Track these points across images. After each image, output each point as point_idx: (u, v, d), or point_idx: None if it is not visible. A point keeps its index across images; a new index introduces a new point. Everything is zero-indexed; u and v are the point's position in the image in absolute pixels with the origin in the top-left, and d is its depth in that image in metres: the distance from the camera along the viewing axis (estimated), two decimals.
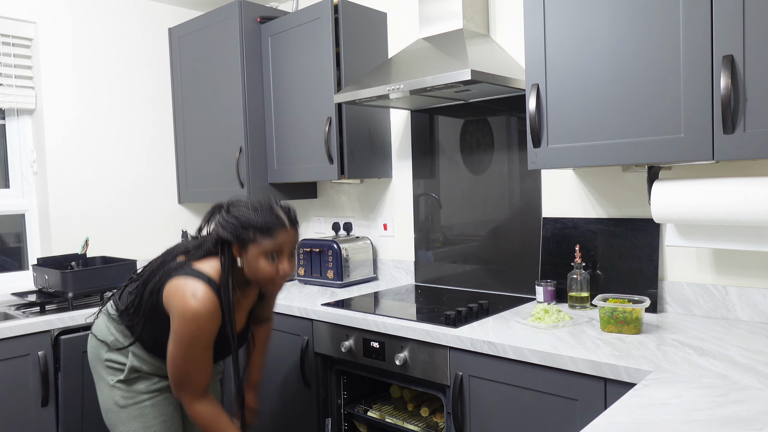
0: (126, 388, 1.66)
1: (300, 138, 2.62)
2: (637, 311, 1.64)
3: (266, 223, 1.52)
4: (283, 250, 1.55)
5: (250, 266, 1.55)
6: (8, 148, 2.73)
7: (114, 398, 1.66)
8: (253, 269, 1.55)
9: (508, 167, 2.31)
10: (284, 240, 1.54)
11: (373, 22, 2.59)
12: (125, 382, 1.66)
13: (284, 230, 1.54)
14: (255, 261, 1.54)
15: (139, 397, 1.66)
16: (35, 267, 2.48)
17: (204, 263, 1.57)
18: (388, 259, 2.74)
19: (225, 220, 1.56)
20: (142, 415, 1.65)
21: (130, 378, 1.66)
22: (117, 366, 1.67)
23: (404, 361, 1.89)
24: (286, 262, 1.56)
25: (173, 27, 3.06)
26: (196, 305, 1.49)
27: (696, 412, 1.11)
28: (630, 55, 1.60)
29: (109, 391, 1.67)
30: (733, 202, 1.54)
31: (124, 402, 1.65)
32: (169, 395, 1.71)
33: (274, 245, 1.53)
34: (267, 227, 1.52)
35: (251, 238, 1.52)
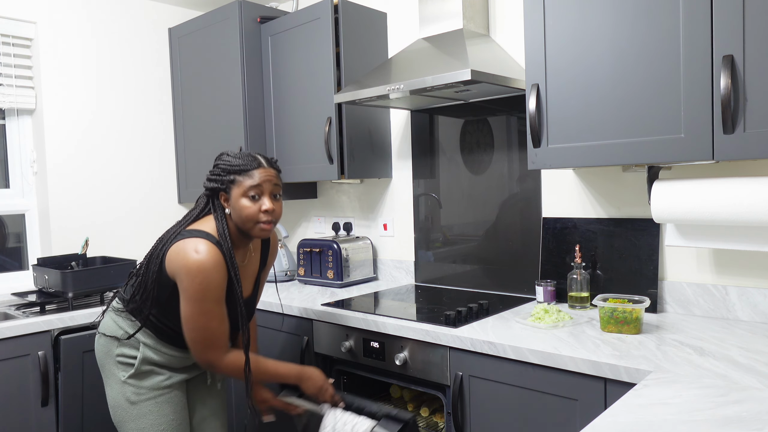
0: (137, 383, 1.66)
1: (300, 138, 2.62)
2: (637, 311, 1.64)
3: (244, 164, 1.61)
4: (263, 188, 1.61)
5: (235, 209, 1.61)
6: (8, 148, 2.73)
7: (125, 394, 1.66)
8: (238, 211, 1.61)
9: (508, 167, 2.31)
10: (262, 177, 1.61)
11: (373, 22, 2.60)
12: (137, 377, 1.66)
13: (261, 168, 1.62)
14: (238, 202, 1.60)
15: (150, 394, 1.67)
16: (35, 267, 2.48)
17: (199, 224, 1.64)
18: (388, 259, 2.74)
19: (211, 172, 1.65)
20: (152, 412, 1.66)
21: (141, 371, 1.66)
22: (128, 360, 1.67)
23: (404, 361, 1.89)
24: (267, 200, 1.61)
25: (173, 27, 3.06)
26: (199, 258, 1.53)
27: (696, 412, 1.11)
28: (630, 55, 1.60)
29: (120, 387, 1.67)
30: (733, 202, 1.54)
31: (136, 398, 1.66)
32: (179, 393, 1.72)
33: (252, 182, 1.59)
34: (245, 167, 1.61)
35: (232, 180, 1.61)
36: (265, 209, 1.60)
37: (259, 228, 1.62)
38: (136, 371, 1.66)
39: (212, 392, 1.87)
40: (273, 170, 1.65)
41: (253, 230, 1.62)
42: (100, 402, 2.25)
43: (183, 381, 1.75)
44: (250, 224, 1.61)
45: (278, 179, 1.66)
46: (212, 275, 1.54)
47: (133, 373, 1.66)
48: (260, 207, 1.60)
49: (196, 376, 1.83)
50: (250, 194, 1.59)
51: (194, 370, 1.79)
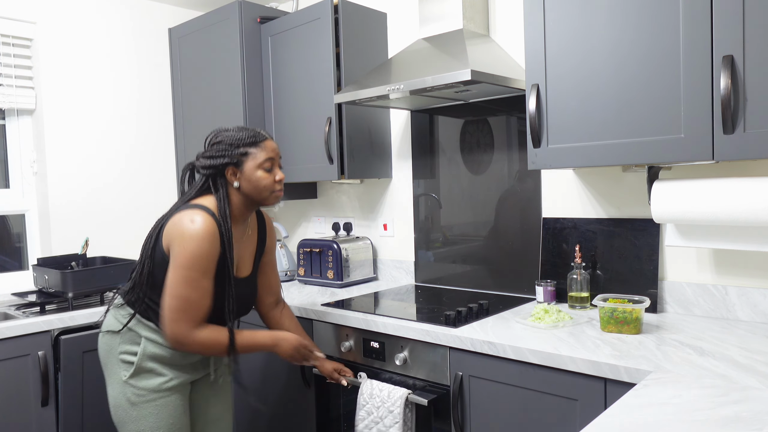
0: (138, 384, 1.65)
1: (300, 138, 2.62)
2: (637, 311, 1.64)
3: (254, 135, 1.67)
4: (275, 159, 1.70)
5: (250, 181, 1.66)
6: (8, 148, 2.73)
7: (126, 395, 1.65)
8: (254, 183, 1.66)
9: (508, 167, 2.31)
10: (273, 148, 1.70)
11: (373, 22, 2.60)
12: (138, 377, 1.65)
13: (269, 140, 1.71)
14: (253, 174, 1.66)
15: (150, 396, 1.65)
16: (35, 267, 2.48)
17: (198, 200, 1.66)
18: (388, 259, 2.74)
19: (212, 151, 1.66)
20: (152, 415, 1.65)
21: (143, 369, 1.65)
22: (129, 358, 1.66)
23: (404, 361, 1.89)
24: (279, 170, 1.71)
25: (173, 27, 3.06)
26: (194, 226, 1.56)
27: (696, 412, 1.11)
28: (630, 55, 1.60)
29: (121, 387, 1.66)
30: (733, 202, 1.54)
31: (136, 399, 1.65)
32: (179, 397, 1.70)
33: (266, 154, 1.67)
34: (255, 139, 1.67)
35: (245, 153, 1.65)
36: (279, 179, 1.70)
37: (275, 196, 1.70)
38: (137, 368, 1.65)
39: (217, 392, 1.86)
40: (275, 143, 1.74)
41: (269, 199, 1.70)
42: (100, 402, 2.25)
43: (185, 384, 1.73)
44: (267, 193, 1.68)
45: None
46: (203, 245, 1.55)
47: (134, 372, 1.65)
48: (274, 177, 1.69)
49: (200, 378, 1.82)
50: (265, 166, 1.66)
51: (199, 369, 1.78)
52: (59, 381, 2.17)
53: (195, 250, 1.55)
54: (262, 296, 1.92)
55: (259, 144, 1.67)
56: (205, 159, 1.67)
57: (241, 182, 1.66)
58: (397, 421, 1.80)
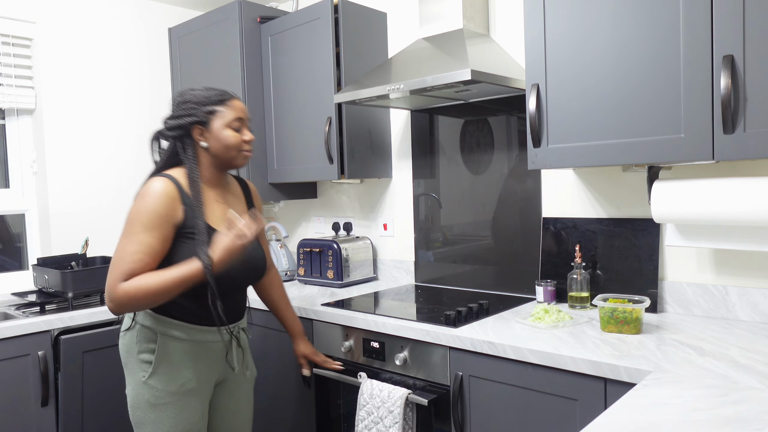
0: (157, 386, 1.59)
1: (300, 138, 2.62)
2: (637, 311, 1.64)
3: (221, 94, 1.64)
4: (244, 120, 1.67)
5: (218, 140, 1.63)
6: (8, 148, 2.73)
7: (145, 396, 1.60)
8: (222, 141, 1.63)
9: (508, 167, 2.31)
10: (241, 108, 1.67)
11: (373, 22, 2.60)
12: (157, 378, 1.59)
13: (238, 100, 1.68)
14: (221, 133, 1.63)
15: (170, 398, 1.59)
16: (35, 267, 2.48)
17: (167, 171, 1.63)
18: (388, 259, 2.74)
19: (179, 110, 1.63)
20: (170, 418, 1.60)
21: (162, 368, 1.58)
22: (148, 358, 1.60)
23: (404, 361, 1.89)
24: (247, 131, 1.68)
25: (173, 27, 3.06)
26: (146, 188, 1.55)
27: (696, 412, 1.11)
28: (630, 55, 1.60)
29: (140, 388, 1.61)
30: (733, 202, 1.54)
31: (155, 401, 1.59)
32: (200, 400, 1.64)
33: (235, 113, 1.64)
34: (223, 98, 1.64)
35: (212, 111, 1.62)
36: (248, 139, 1.67)
37: (243, 155, 1.67)
38: (156, 368, 1.58)
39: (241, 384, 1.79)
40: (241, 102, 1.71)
41: (237, 158, 1.66)
42: (100, 402, 2.25)
43: (207, 387, 1.67)
44: (234, 152, 1.65)
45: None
46: (148, 200, 1.52)
47: (153, 372, 1.59)
48: (243, 137, 1.66)
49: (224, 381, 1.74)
50: (235, 125, 1.64)
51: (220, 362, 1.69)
52: (59, 381, 2.17)
53: (139, 207, 1.52)
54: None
55: (227, 102, 1.64)
56: (172, 120, 1.63)
57: (209, 141, 1.63)
58: (397, 421, 1.80)
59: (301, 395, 2.26)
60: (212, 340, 1.67)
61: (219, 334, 1.68)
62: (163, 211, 1.53)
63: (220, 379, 1.74)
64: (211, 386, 1.71)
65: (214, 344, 1.68)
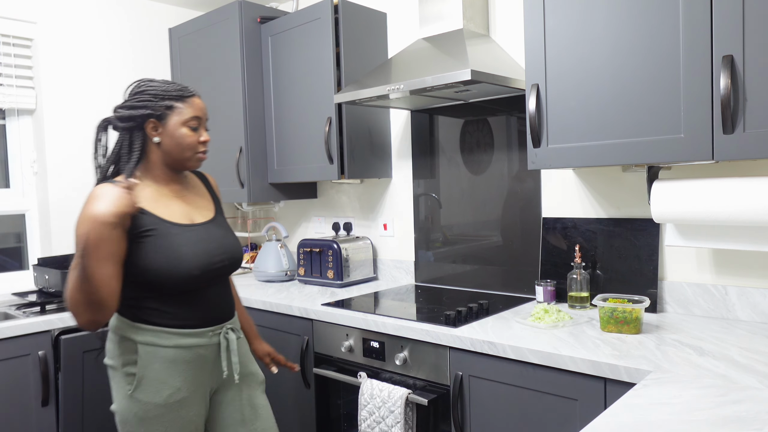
0: (144, 399, 1.50)
1: (300, 138, 2.62)
2: (637, 311, 1.64)
3: (181, 90, 1.56)
4: (202, 120, 1.59)
5: (173, 137, 1.54)
6: (8, 148, 2.73)
7: (133, 410, 1.51)
8: (176, 140, 1.54)
9: (508, 167, 2.31)
10: (201, 107, 1.58)
11: (373, 22, 2.60)
12: (143, 390, 1.50)
13: (198, 97, 1.59)
14: (177, 130, 1.54)
15: (159, 410, 1.50)
16: (35, 267, 2.49)
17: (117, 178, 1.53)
18: (388, 259, 2.74)
19: (133, 101, 1.52)
20: (162, 431, 1.51)
21: (146, 379, 1.50)
22: (132, 370, 1.52)
23: (404, 361, 1.89)
24: (205, 132, 1.60)
25: (173, 27, 3.06)
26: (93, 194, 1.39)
27: (696, 412, 1.11)
28: (630, 55, 1.60)
29: (127, 402, 1.52)
30: (733, 202, 1.54)
31: (144, 414, 1.50)
32: (192, 412, 1.55)
33: (193, 111, 1.55)
34: (182, 94, 1.55)
35: (170, 107, 1.53)
36: (203, 140, 1.58)
37: (197, 158, 1.59)
38: (140, 379, 1.50)
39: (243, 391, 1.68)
40: (202, 101, 1.63)
41: (191, 160, 1.58)
42: (100, 402, 2.25)
43: (198, 397, 1.57)
44: (189, 153, 1.56)
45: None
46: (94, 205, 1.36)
47: (138, 384, 1.50)
48: (199, 137, 1.57)
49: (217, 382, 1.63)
50: (191, 124, 1.55)
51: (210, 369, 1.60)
52: (59, 381, 2.17)
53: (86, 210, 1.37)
54: None
55: (187, 99, 1.55)
56: (125, 109, 1.52)
57: (162, 138, 1.53)
58: (398, 421, 1.80)
59: (301, 395, 2.26)
60: (197, 344, 1.55)
61: (204, 338, 1.57)
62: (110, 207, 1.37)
63: (215, 386, 1.64)
64: (206, 395, 1.61)
65: (200, 348, 1.56)
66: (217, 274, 1.60)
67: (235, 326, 1.68)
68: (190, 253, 1.52)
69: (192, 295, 1.56)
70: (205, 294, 1.58)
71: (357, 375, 1.99)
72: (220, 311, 1.62)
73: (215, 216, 1.68)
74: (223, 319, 1.63)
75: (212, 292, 1.61)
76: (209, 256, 1.57)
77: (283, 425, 2.36)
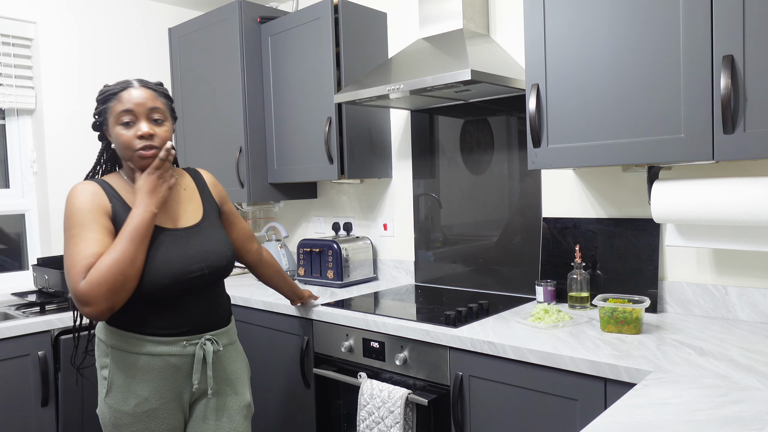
0: (114, 406, 1.47)
1: (300, 138, 2.62)
2: (637, 311, 1.64)
3: (117, 85, 1.48)
4: (136, 112, 1.45)
5: (113, 139, 1.48)
6: (8, 148, 2.73)
7: (107, 415, 1.48)
8: (115, 140, 1.47)
9: (508, 167, 2.31)
10: (133, 98, 1.45)
11: (373, 22, 2.60)
12: (113, 397, 1.46)
13: (131, 88, 1.47)
14: (114, 131, 1.47)
15: (127, 419, 1.46)
16: (35, 267, 2.48)
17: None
18: (388, 259, 2.74)
19: (95, 109, 1.53)
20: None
21: (116, 385, 1.46)
22: (105, 374, 1.49)
23: (404, 361, 1.89)
24: (144, 124, 1.45)
25: (173, 27, 3.06)
26: (69, 192, 1.45)
27: (696, 412, 1.11)
28: (630, 55, 1.60)
29: (102, 407, 1.50)
30: (733, 202, 1.54)
31: (116, 421, 1.47)
32: (162, 425, 1.49)
33: (122, 105, 1.44)
34: (112, 90, 1.47)
35: (105, 109, 1.48)
36: (140, 134, 1.44)
37: (139, 155, 1.45)
38: (110, 384, 1.47)
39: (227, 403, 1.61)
40: (147, 91, 1.48)
41: (133, 159, 1.46)
42: None
43: (169, 409, 1.50)
44: (129, 152, 1.45)
45: (157, 101, 1.48)
46: (74, 201, 1.41)
47: (108, 389, 1.47)
48: (135, 132, 1.45)
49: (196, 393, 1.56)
50: (122, 120, 1.44)
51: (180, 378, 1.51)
52: (59, 381, 2.17)
53: (68, 211, 1.42)
54: (245, 246, 1.83)
55: (117, 95, 1.45)
56: (93, 117, 1.53)
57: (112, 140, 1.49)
58: (398, 421, 1.80)
59: (301, 395, 2.26)
60: (167, 353, 1.48)
61: (176, 346, 1.49)
62: (91, 205, 1.42)
63: (196, 396, 1.56)
64: (181, 405, 1.53)
65: (171, 357, 1.49)
66: (195, 284, 1.51)
67: (220, 338, 1.59)
68: (163, 260, 1.45)
69: (167, 303, 1.49)
70: (182, 303, 1.51)
71: (357, 375, 1.99)
72: (199, 321, 1.54)
73: (202, 219, 1.60)
74: (204, 330, 1.55)
75: (190, 302, 1.52)
76: (185, 264, 1.48)
77: (283, 425, 2.36)
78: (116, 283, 1.34)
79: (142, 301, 1.46)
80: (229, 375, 1.62)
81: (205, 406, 1.57)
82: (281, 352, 2.33)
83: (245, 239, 1.83)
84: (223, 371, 1.61)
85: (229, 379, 1.62)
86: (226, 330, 1.63)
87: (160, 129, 1.49)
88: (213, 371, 1.56)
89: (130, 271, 1.36)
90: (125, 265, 1.35)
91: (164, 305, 1.49)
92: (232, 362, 1.64)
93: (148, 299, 1.46)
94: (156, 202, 1.45)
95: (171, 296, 1.48)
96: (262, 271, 1.95)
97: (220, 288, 1.63)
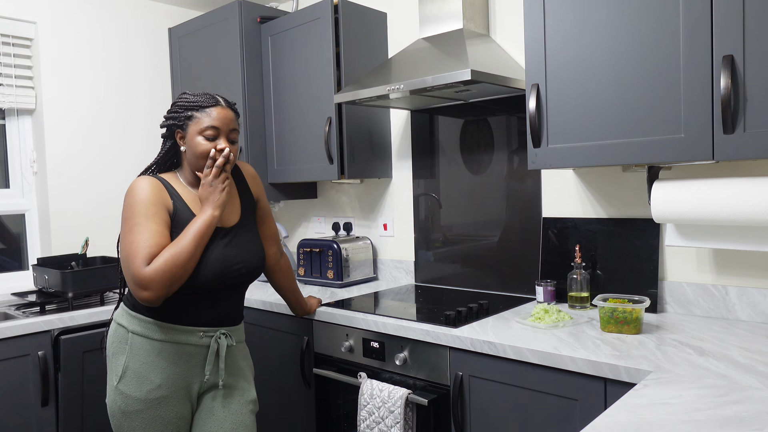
0: (127, 392, 1.54)
1: (300, 138, 2.62)
2: (637, 311, 1.64)
3: (205, 101, 1.61)
4: (221, 129, 1.60)
5: (190, 146, 1.60)
6: (8, 148, 2.73)
7: (117, 402, 1.56)
8: (192, 148, 1.60)
9: (508, 167, 2.31)
10: (220, 116, 1.60)
11: (373, 22, 2.60)
12: (126, 383, 1.54)
13: (219, 107, 1.61)
14: (193, 139, 1.59)
15: (139, 405, 1.53)
16: (35, 267, 2.48)
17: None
18: (388, 259, 2.74)
19: (169, 112, 1.65)
20: (140, 428, 1.54)
21: (131, 371, 1.53)
22: (120, 360, 1.56)
23: (404, 361, 1.89)
24: (224, 142, 1.60)
25: (173, 27, 3.06)
26: (132, 185, 1.57)
27: (696, 412, 1.11)
28: (630, 55, 1.60)
29: (113, 394, 1.56)
30: (733, 202, 1.54)
31: (126, 407, 1.54)
32: (172, 412, 1.56)
33: (210, 121, 1.58)
34: (202, 104, 1.60)
35: (190, 116, 1.60)
36: (220, 148, 1.59)
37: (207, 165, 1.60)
38: (125, 370, 1.54)
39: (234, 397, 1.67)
40: (231, 112, 1.64)
41: (199, 167, 1.61)
42: (100, 402, 2.25)
43: (179, 397, 1.57)
44: (203, 161, 1.59)
45: (236, 123, 1.65)
46: (138, 193, 1.53)
47: (122, 375, 1.54)
48: (215, 145, 1.59)
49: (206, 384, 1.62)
50: (206, 134, 1.58)
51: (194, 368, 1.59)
52: (59, 381, 2.17)
53: (131, 201, 1.53)
54: (267, 247, 1.89)
55: (206, 109, 1.59)
56: (164, 118, 1.66)
57: (186, 147, 1.62)
58: (398, 421, 1.80)
59: (301, 395, 2.26)
60: (184, 341, 1.57)
61: (193, 336, 1.59)
62: (155, 198, 1.54)
63: (204, 387, 1.63)
64: (189, 396, 1.60)
65: (188, 346, 1.58)
66: (233, 283, 1.63)
67: (234, 335, 1.69)
68: (210, 258, 1.57)
69: (200, 296, 1.59)
70: (213, 297, 1.62)
71: (357, 375, 1.99)
72: (221, 316, 1.65)
73: (241, 218, 1.71)
74: (222, 324, 1.65)
75: (222, 297, 1.64)
76: (228, 263, 1.61)
77: (283, 425, 2.36)
78: (176, 273, 1.47)
79: (181, 293, 1.55)
80: (237, 371, 1.69)
81: (212, 399, 1.64)
82: (281, 352, 2.33)
83: (266, 238, 1.89)
84: (233, 366, 1.68)
85: (237, 375, 1.69)
86: (238, 328, 1.73)
87: (234, 148, 1.65)
88: (224, 365, 1.65)
89: (189, 265, 1.49)
90: (186, 259, 1.48)
91: (196, 298, 1.59)
92: (241, 359, 1.72)
93: (188, 292, 1.56)
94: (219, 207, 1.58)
95: (208, 291, 1.59)
96: (275, 277, 1.97)
97: (246, 287, 1.73)
